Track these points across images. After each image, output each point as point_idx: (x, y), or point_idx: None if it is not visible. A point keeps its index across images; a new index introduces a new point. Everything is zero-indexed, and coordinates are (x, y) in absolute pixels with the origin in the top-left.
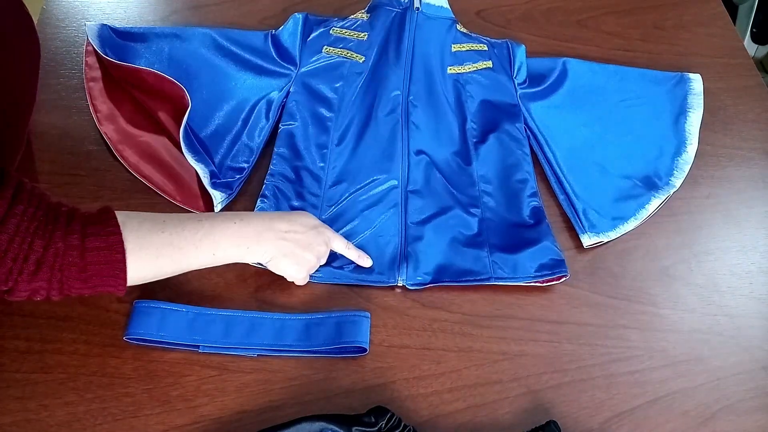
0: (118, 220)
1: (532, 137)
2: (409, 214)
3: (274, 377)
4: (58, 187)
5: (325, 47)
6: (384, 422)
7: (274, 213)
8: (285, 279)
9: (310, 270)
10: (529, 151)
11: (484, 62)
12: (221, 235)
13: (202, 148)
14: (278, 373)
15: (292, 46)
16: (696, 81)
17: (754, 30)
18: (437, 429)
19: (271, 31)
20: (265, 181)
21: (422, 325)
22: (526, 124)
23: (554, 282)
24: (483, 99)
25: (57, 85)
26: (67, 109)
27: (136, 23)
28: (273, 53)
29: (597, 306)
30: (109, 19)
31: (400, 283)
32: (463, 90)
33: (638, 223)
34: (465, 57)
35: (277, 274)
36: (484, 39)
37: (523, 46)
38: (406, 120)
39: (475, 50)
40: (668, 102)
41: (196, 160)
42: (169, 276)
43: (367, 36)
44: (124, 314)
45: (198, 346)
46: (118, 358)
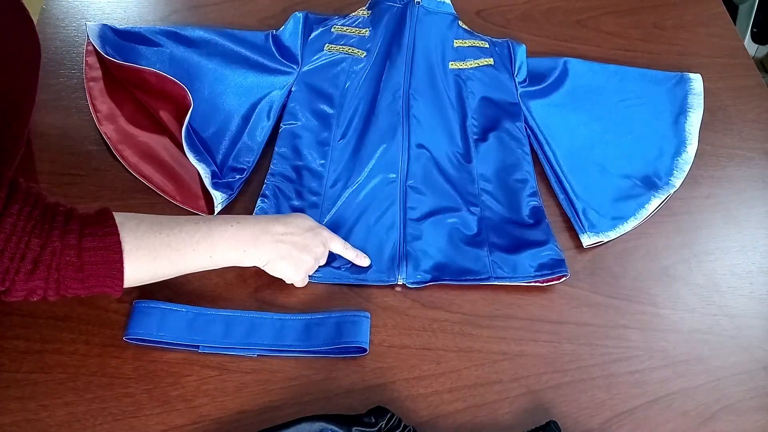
0: (116, 221)
1: (532, 136)
2: (409, 209)
3: (274, 377)
4: (58, 187)
5: (327, 45)
6: (384, 422)
7: (271, 216)
8: (284, 280)
9: (308, 271)
10: (529, 151)
11: (486, 59)
12: (218, 237)
13: (204, 148)
14: (278, 373)
15: (293, 46)
16: (696, 81)
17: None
18: (437, 429)
19: (271, 31)
20: (266, 181)
21: (422, 325)
22: (526, 123)
23: (554, 282)
24: (484, 96)
25: (57, 85)
26: (67, 109)
27: (136, 23)
28: (274, 51)
29: (597, 306)
30: (109, 19)
31: (400, 282)
32: (464, 86)
33: (638, 223)
34: (467, 53)
35: (276, 276)
36: (486, 37)
37: (523, 45)
38: (407, 113)
39: (477, 47)
40: (668, 102)
41: (197, 159)
42: (166, 278)
43: (368, 32)
44: (123, 314)
45: (198, 346)
46: (118, 358)
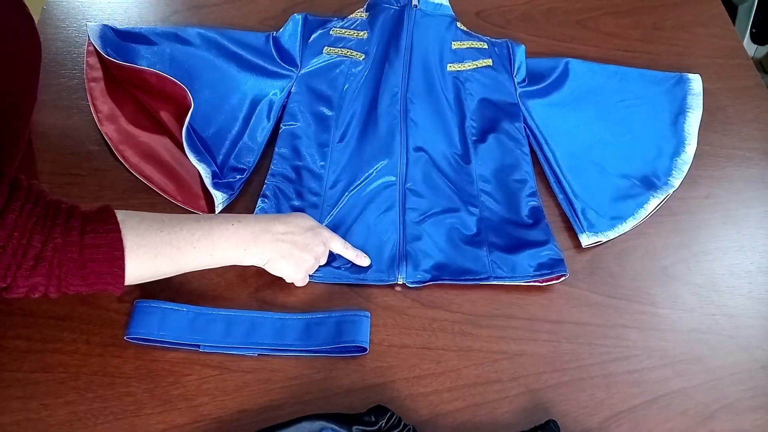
0: (118, 219)
1: (531, 137)
2: (408, 212)
3: (275, 377)
4: (58, 187)
5: (326, 48)
6: (384, 421)
7: (271, 215)
8: (285, 280)
9: (309, 271)
10: (528, 151)
11: (485, 60)
12: (219, 236)
13: (204, 148)
14: (278, 373)
15: (292, 48)
16: (695, 81)
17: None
18: (437, 428)
19: (272, 32)
20: (266, 181)
21: (422, 324)
22: (525, 124)
23: (553, 282)
24: (482, 97)
25: (58, 86)
26: (67, 109)
27: (136, 23)
28: (274, 54)
29: (596, 306)
30: (110, 19)
31: (399, 282)
32: (463, 88)
33: (637, 222)
34: (465, 54)
35: (276, 275)
36: (485, 38)
37: (522, 45)
38: (404, 116)
39: (476, 48)
40: (667, 102)
41: (198, 160)
42: (167, 276)
43: (366, 34)
44: (124, 314)
45: (199, 346)
46: (119, 357)
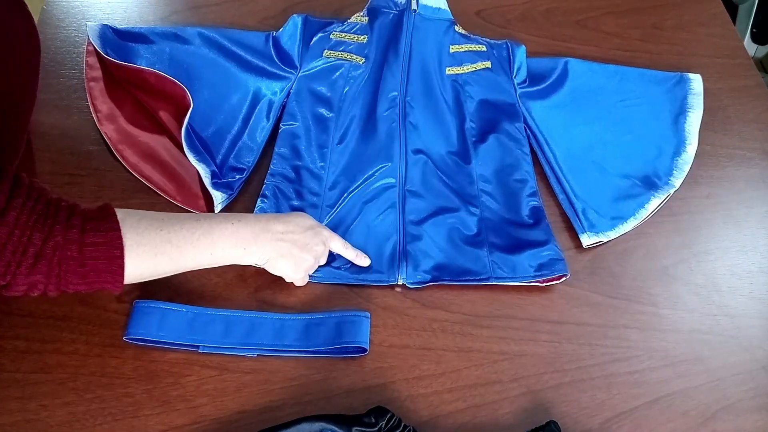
0: (118, 217)
1: (531, 137)
2: (408, 213)
3: (274, 377)
4: (58, 187)
5: (326, 51)
6: (384, 422)
7: (271, 215)
8: (285, 279)
9: (308, 270)
10: (528, 151)
11: (483, 63)
12: (219, 235)
13: (204, 148)
14: (278, 373)
15: (292, 50)
16: (696, 81)
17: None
18: (437, 429)
19: (271, 32)
20: (266, 181)
21: (422, 325)
22: (525, 124)
23: (554, 282)
24: (482, 99)
25: (57, 85)
26: (67, 109)
27: (136, 23)
28: (274, 55)
29: (597, 306)
30: (110, 19)
31: (399, 282)
32: (462, 90)
33: (638, 222)
34: (463, 58)
35: (276, 275)
36: (483, 40)
37: (523, 46)
38: (403, 120)
39: (474, 51)
40: (668, 102)
41: (197, 160)
42: (166, 275)
43: (366, 38)
44: (123, 314)
45: (198, 346)
46: (118, 358)
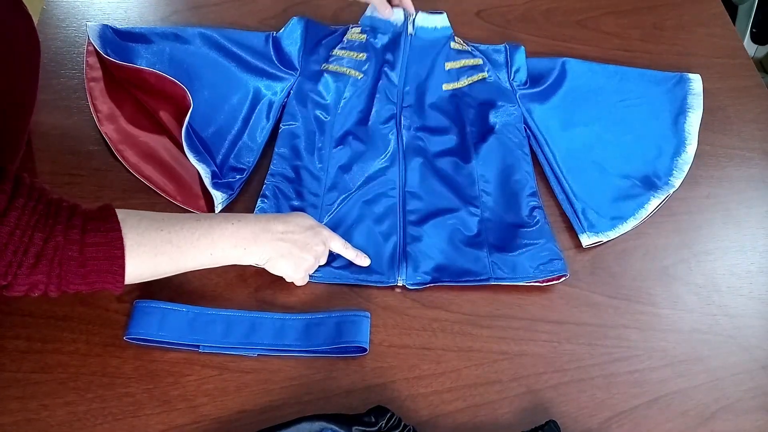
0: (118, 218)
1: (531, 137)
2: (408, 214)
3: (274, 377)
4: (58, 187)
5: (324, 65)
6: (384, 422)
7: (271, 215)
8: (285, 279)
9: (308, 270)
10: (528, 152)
11: (480, 74)
12: (219, 235)
13: (204, 148)
14: (278, 373)
15: (292, 54)
16: (695, 81)
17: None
18: (437, 429)
19: (272, 33)
20: (266, 181)
21: (422, 325)
22: (525, 125)
23: (554, 282)
24: (481, 103)
25: (57, 86)
26: (67, 109)
27: (136, 23)
28: (273, 57)
29: (597, 306)
30: (110, 19)
31: (399, 283)
32: (461, 101)
33: (637, 222)
34: (459, 73)
35: (276, 275)
36: (478, 52)
37: (522, 48)
38: (402, 124)
39: (470, 65)
40: (668, 102)
41: (197, 160)
42: (166, 275)
43: (365, 56)
44: (124, 314)
45: (198, 346)
46: (119, 357)
